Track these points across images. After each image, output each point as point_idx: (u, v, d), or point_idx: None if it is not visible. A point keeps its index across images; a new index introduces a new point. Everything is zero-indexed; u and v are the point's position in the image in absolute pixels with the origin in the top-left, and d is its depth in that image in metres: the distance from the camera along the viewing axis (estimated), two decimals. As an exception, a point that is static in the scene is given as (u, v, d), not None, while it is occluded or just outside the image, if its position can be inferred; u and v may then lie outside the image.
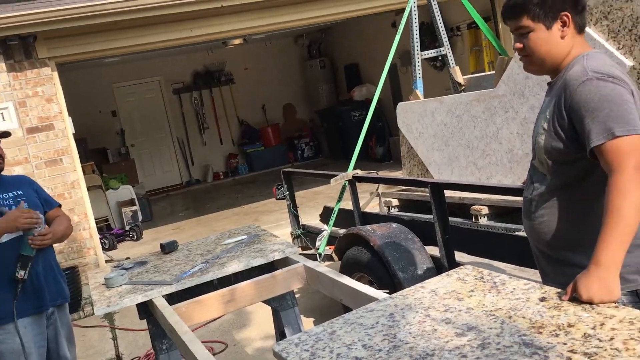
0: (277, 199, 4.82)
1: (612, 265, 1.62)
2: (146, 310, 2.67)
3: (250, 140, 13.93)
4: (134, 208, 9.07)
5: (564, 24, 1.83)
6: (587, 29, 3.01)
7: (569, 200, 1.90)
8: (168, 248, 3.15)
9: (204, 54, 13.10)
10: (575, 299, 1.64)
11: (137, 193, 9.75)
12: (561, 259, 1.93)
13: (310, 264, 2.64)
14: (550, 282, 1.95)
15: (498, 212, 3.55)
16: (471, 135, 3.95)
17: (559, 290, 1.73)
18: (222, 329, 4.70)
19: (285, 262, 2.82)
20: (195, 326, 4.79)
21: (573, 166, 1.85)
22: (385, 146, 11.67)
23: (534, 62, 1.90)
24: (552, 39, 1.84)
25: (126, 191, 9.41)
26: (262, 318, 4.62)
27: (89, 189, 6.91)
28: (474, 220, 3.65)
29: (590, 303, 1.60)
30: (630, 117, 1.67)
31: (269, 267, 2.83)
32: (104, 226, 8.79)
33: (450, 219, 3.55)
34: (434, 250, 3.41)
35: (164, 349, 2.73)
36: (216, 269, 2.71)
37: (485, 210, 3.59)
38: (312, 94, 14.19)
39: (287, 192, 4.78)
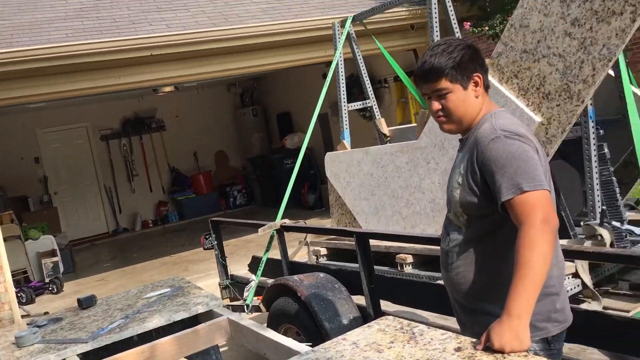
0: (204, 249, 4.74)
1: (523, 316, 1.68)
2: (60, 370, 2.53)
3: (181, 188, 13.72)
4: (54, 259, 8.67)
5: (476, 84, 1.94)
6: (499, 87, 3.20)
7: (483, 252, 1.97)
8: (86, 303, 3.03)
9: (135, 101, 12.94)
10: (489, 348, 1.69)
11: (59, 243, 9.34)
12: (477, 309, 1.98)
13: (234, 317, 2.60)
14: (468, 332, 2.00)
15: (422, 261, 3.63)
16: (396, 185, 4.06)
17: (473, 340, 1.77)
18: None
19: (209, 315, 2.76)
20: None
21: (486, 219, 1.92)
22: (317, 194, 11.76)
23: (452, 122, 1.98)
24: (469, 98, 1.94)
25: (47, 241, 9.01)
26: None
27: (5, 239, 6.58)
28: (399, 268, 3.71)
29: (502, 352, 1.65)
30: (536, 172, 1.77)
31: (193, 320, 2.76)
32: (21, 279, 8.35)
33: (376, 267, 3.59)
34: (361, 299, 3.43)
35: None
36: (136, 324, 2.62)
37: (410, 258, 3.66)
38: (245, 141, 14.22)
39: (216, 242, 4.72)
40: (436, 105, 1.98)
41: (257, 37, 7.08)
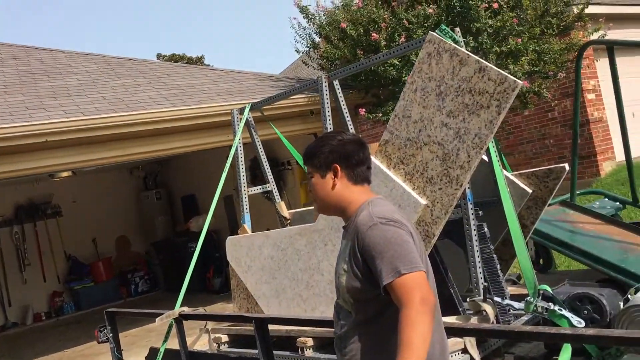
0: (99, 342, 4.51)
1: None
2: None
3: (78, 276, 13.01)
4: None
5: (335, 175, 2.11)
6: (387, 172, 3.40)
7: (372, 334, 2.05)
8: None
9: (29, 186, 12.37)
10: None
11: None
12: (372, 388, 2.03)
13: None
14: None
15: (322, 343, 3.65)
16: (296, 268, 4.11)
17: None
18: None
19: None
20: None
21: (372, 303, 2.02)
22: (223, 277, 11.54)
23: (316, 203, 2.20)
24: (326, 186, 2.12)
25: None
26: None
27: None
28: (300, 352, 3.70)
29: None
30: (412, 255, 1.90)
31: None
32: None
33: (277, 352, 3.58)
34: (262, 389, 3.38)
35: None
36: None
37: (310, 342, 3.67)
38: (148, 225, 13.84)
39: (111, 335, 4.51)
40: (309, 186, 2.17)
41: (158, 123, 7.10)
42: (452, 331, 2.63)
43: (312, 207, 5.33)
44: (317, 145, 2.15)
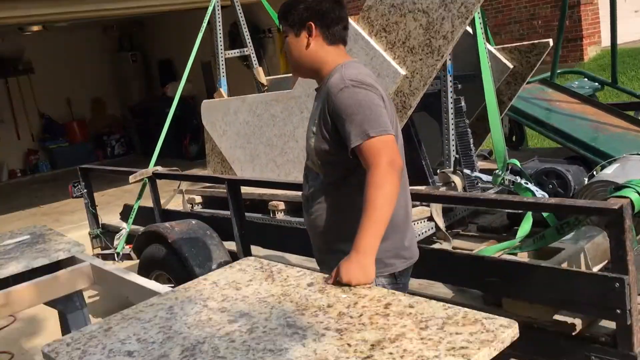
0: (73, 197, 4.56)
1: (368, 251, 1.81)
2: None
3: (53, 136, 12.92)
4: None
5: (309, 34, 2.03)
6: (369, 39, 3.30)
7: (338, 196, 2.08)
8: None
9: (-3, 40, 11.87)
10: (339, 282, 1.80)
11: None
12: (332, 249, 2.10)
13: (97, 262, 2.56)
14: (326, 270, 2.11)
15: (293, 208, 3.73)
16: (271, 134, 4.10)
17: (326, 275, 1.89)
18: (9, 338, 4.33)
19: (71, 262, 2.69)
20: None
21: (340, 166, 2.03)
22: (200, 144, 11.55)
23: (291, 64, 2.14)
24: (299, 45, 2.05)
25: None
26: (53, 324, 4.33)
27: None
28: (271, 215, 3.79)
29: (349, 285, 1.77)
30: (382, 119, 1.88)
31: (55, 268, 2.68)
32: None
33: (249, 214, 3.66)
34: (233, 245, 3.49)
35: None
36: (-10, 271, 2.50)
37: (282, 205, 3.75)
38: (123, 88, 13.58)
39: (85, 190, 4.55)
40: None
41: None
42: (419, 198, 2.70)
43: (291, 75, 5.23)
44: (293, 2, 2.05)
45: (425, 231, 2.97)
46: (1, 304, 2.32)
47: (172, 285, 3.24)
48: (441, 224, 2.98)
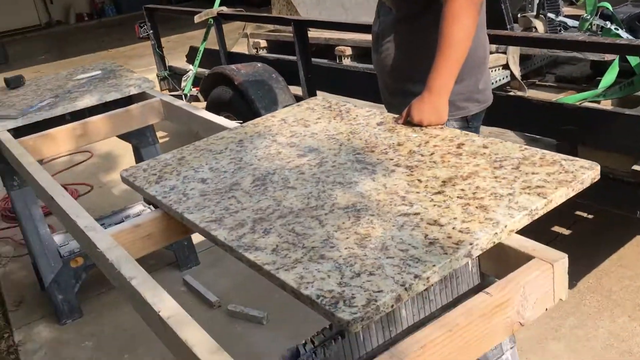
0: (139, 38, 4.57)
1: (442, 91, 1.73)
2: (-9, 146, 2.53)
3: (117, -19, 12.80)
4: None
5: None
6: None
7: (411, 32, 1.96)
8: (13, 83, 2.94)
9: None
10: (409, 122, 1.76)
11: (-13, 33, 8.80)
12: (402, 90, 2.03)
13: (167, 98, 2.60)
14: (394, 112, 2.07)
15: (360, 53, 3.62)
16: (340, -27, 3.88)
17: (395, 115, 1.84)
18: (88, 171, 4.61)
19: (142, 97, 2.74)
20: (59, 169, 4.66)
21: None
22: (263, -11, 11.21)
23: None
24: None
25: (-27, 30, 8.45)
26: (130, 161, 4.56)
27: None
28: (337, 61, 3.70)
29: (420, 125, 1.73)
30: None
31: (126, 103, 2.74)
32: (-50, 69, 7.96)
33: (315, 60, 3.58)
34: (298, 90, 3.47)
35: (15, 185, 2.65)
36: (67, 103, 2.59)
37: (348, 51, 3.64)
38: None
39: (151, 31, 4.53)
40: None
41: None
42: (497, 40, 2.52)
43: None
44: None
45: (500, 79, 2.83)
46: (79, 134, 2.42)
47: (239, 125, 3.29)
48: (517, 72, 2.82)
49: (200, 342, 1.09)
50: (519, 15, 3.03)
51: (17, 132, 2.44)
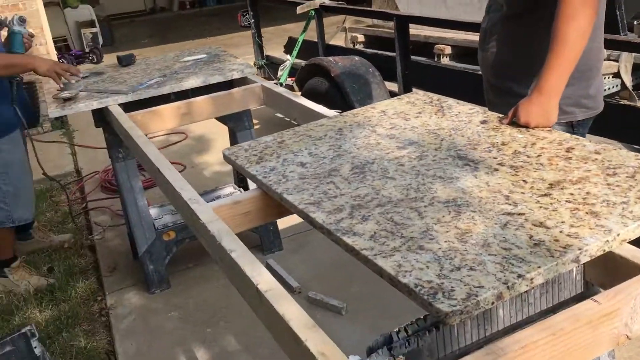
0: (241, 26, 4.69)
1: (552, 93, 1.68)
2: (103, 118, 2.69)
3: (221, -30, 13.20)
4: (94, 30, 8.72)
5: None
6: None
7: (521, 30, 1.91)
8: (125, 61, 3.10)
9: None
10: (515, 123, 1.72)
11: (98, 15, 9.32)
12: (507, 89, 1.98)
13: (268, 84, 2.66)
14: (496, 112, 2.02)
15: (460, 53, 3.56)
16: (445, -29, 3.83)
17: (500, 115, 1.80)
18: (181, 152, 4.79)
19: (243, 82, 2.82)
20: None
21: None
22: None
23: None
24: None
25: (85, 11, 8.97)
26: (222, 145, 4.71)
27: (45, 4, 6.56)
28: (436, 59, 3.66)
29: (527, 127, 1.68)
30: None
31: (227, 87, 2.83)
32: (62, 46, 8.48)
33: (413, 57, 3.55)
34: (393, 87, 3.46)
35: (120, 157, 2.80)
36: (173, 83, 2.70)
37: (448, 49, 3.59)
38: None
39: (253, 20, 4.65)
40: None
41: None
42: (613, 45, 2.40)
43: None
44: None
45: (609, 88, 2.71)
46: (183, 113, 2.52)
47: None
48: (628, 81, 2.69)
49: (297, 317, 1.11)
50: (634, 23, 2.88)
51: (126, 107, 2.57)
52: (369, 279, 2.86)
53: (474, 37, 3.39)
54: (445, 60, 3.59)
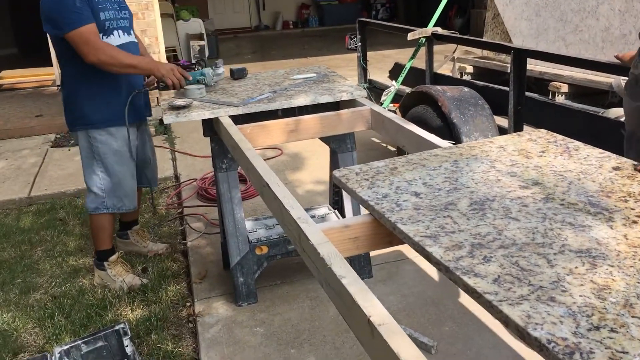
0: (348, 49, 4.70)
1: None
2: (211, 128, 2.74)
3: (326, -7, 13.45)
4: (202, 43, 9.07)
5: None
6: None
7: None
8: (237, 74, 3.16)
9: None
10: (652, 172, 1.58)
11: (207, 28, 9.70)
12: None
13: (377, 108, 2.62)
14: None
15: (577, 92, 3.39)
16: (567, 8, 3.67)
17: (635, 162, 1.67)
18: (276, 168, 4.83)
19: (351, 104, 2.80)
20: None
21: None
22: (465, 18, 11.08)
23: None
24: None
25: (196, 25, 9.36)
26: (316, 165, 4.71)
27: (161, 15, 6.89)
28: (550, 97, 3.50)
29: (667, 177, 1.54)
30: None
31: (334, 108, 2.82)
32: (171, 56, 8.87)
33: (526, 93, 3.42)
34: (503, 122, 3.33)
35: (224, 167, 2.83)
36: (283, 99, 2.72)
37: (565, 88, 3.42)
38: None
39: (359, 43, 4.65)
40: None
41: None
42: None
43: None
44: None
45: None
46: (291, 130, 2.52)
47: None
48: None
49: (413, 357, 1.04)
50: None
51: (235, 119, 2.61)
52: (462, 320, 2.75)
53: (594, 77, 3.22)
54: (560, 99, 3.42)
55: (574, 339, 0.98)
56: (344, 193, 3.07)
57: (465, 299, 2.85)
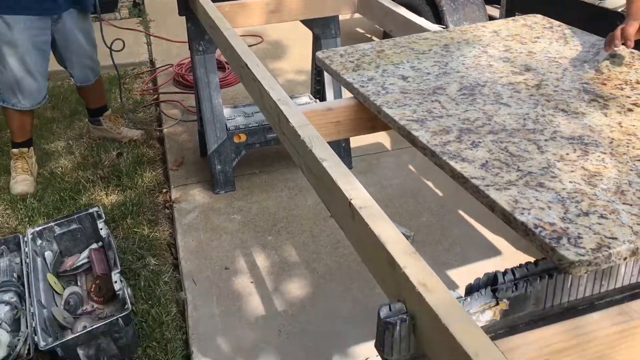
0: None
1: None
2: (187, 6, 2.56)
3: None
4: None
5: None
6: None
7: None
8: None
9: None
10: (650, 61, 1.51)
11: None
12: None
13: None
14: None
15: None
16: None
17: (636, 51, 1.59)
18: (256, 56, 4.65)
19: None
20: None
21: None
22: None
23: None
24: None
25: None
26: (298, 53, 4.54)
27: None
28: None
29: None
30: None
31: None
32: None
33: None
34: (494, 12, 3.18)
35: (200, 50, 2.69)
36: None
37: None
38: None
39: None
40: None
41: None
42: None
43: None
44: None
45: None
46: (272, 10, 2.38)
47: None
48: None
49: (395, 240, 1.01)
50: None
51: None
52: (439, 212, 2.76)
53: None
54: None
55: (561, 224, 0.95)
56: (326, 82, 2.96)
57: (443, 192, 2.84)
